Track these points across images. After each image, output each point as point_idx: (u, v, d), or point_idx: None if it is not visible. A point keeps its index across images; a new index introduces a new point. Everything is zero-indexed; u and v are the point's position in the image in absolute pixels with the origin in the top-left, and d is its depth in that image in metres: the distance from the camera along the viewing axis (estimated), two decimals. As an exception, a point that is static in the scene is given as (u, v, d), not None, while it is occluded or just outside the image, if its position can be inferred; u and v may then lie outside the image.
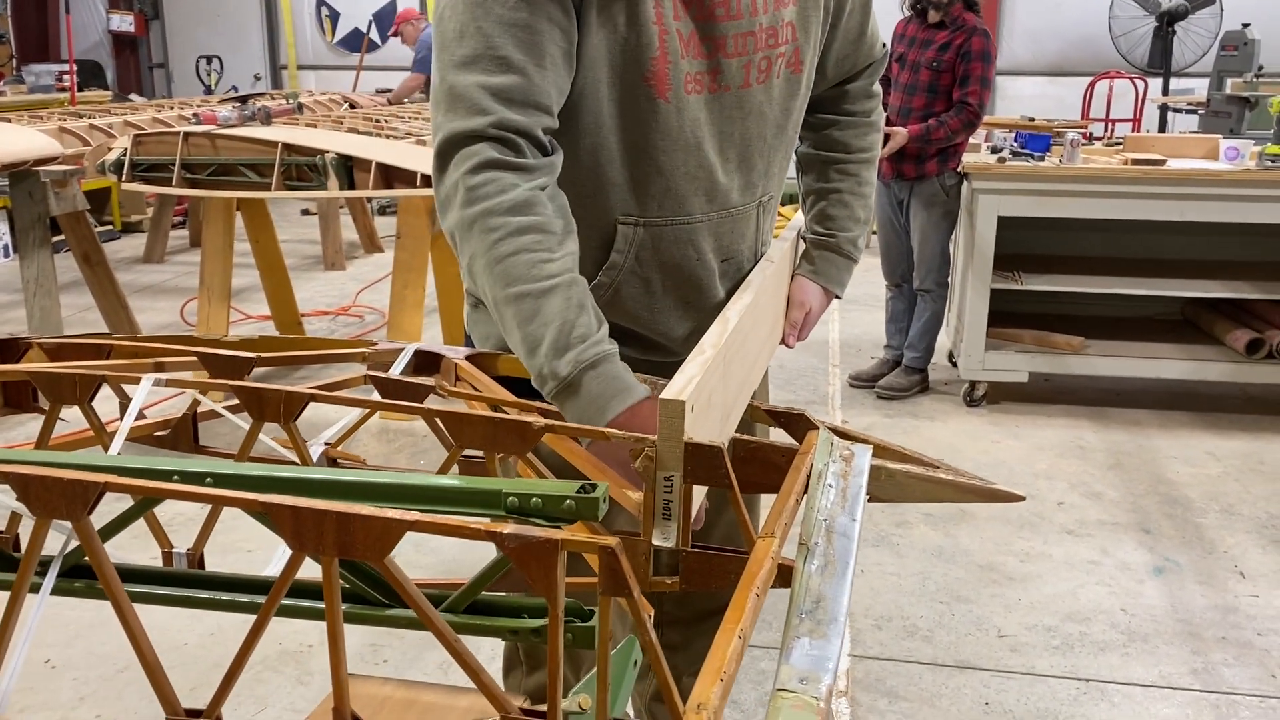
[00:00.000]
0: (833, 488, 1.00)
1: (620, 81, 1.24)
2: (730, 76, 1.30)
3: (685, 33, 1.25)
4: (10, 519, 1.02)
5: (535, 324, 1.10)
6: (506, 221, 1.12)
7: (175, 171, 3.95)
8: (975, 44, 4.09)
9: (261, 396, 0.95)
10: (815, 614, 0.81)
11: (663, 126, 1.27)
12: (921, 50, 4.19)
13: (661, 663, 0.68)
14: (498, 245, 1.12)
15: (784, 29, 1.32)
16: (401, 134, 4.50)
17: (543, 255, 1.12)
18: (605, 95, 1.25)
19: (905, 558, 3.12)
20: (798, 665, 0.74)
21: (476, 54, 1.17)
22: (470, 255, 1.15)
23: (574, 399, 1.10)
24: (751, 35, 1.29)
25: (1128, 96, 8.32)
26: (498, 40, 1.16)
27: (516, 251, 1.11)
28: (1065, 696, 2.47)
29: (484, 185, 1.13)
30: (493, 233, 1.12)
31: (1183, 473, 3.74)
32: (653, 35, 1.22)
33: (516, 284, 1.11)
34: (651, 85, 1.25)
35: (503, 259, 1.12)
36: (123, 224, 8.12)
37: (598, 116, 1.26)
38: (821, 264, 1.52)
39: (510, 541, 0.65)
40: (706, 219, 1.37)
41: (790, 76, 1.36)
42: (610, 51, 1.22)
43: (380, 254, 7.40)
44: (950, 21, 4.15)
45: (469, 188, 1.14)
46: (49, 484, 0.71)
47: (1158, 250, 4.55)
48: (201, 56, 11.11)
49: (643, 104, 1.26)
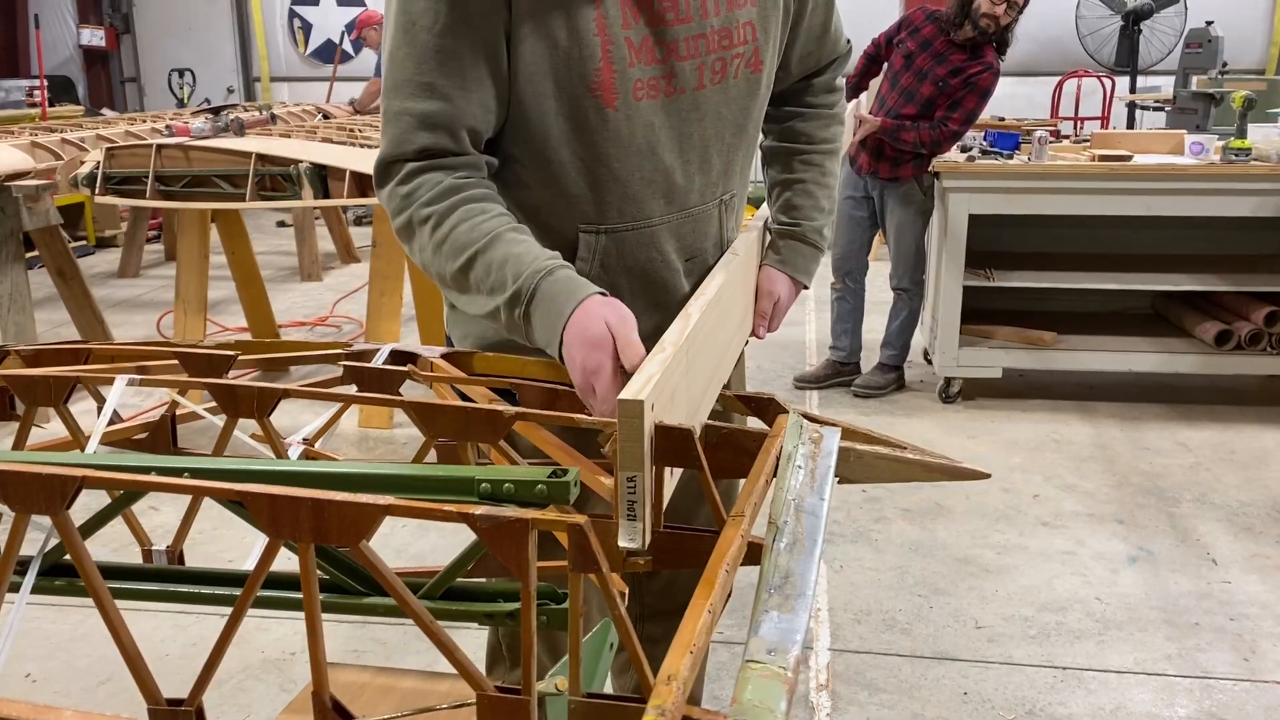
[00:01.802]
0: (802, 469, 1.03)
1: (565, 94, 1.26)
2: (684, 79, 1.32)
3: (637, 40, 1.26)
4: None
5: (494, 273, 1.17)
6: (436, 208, 1.21)
7: (149, 184, 3.95)
8: (984, 80, 4.09)
9: (236, 393, 0.97)
10: (784, 589, 0.83)
11: (614, 135, 1.29)
12: (934, 63, 4.13)
13: (631, 636, 0.70)
14: (436, 230, 1.20)
15: (740, 29, 1.34)
16: (375, 143, 4.50)
17: (477, 219, 1.20)
18: (551, 109, 1.27)
19: (883, 552, 3.15)
20: (766, 637, 0.76)
21: (405, 78, 1.24)
22: (419, 250, 1.24)
23: (538, 310, 1.16)
24: (703, 37, 1.31)
25: (1096, 95, 8.42)
26: (425, 65, 1.22)
27: (454, 226, 1.20)
28: (1043, 685, 2.50)
29: (414, 190, 1.23)
30: (428, 221, 1.21)
31: (1156, 463, 3.79)
32: (594, 46, 1.24)
33: (464, 251, 1.19)
34: (598, 96, 1.26)
35: (445, 238, 1.20)
36: (97, 239, 8.08)
37: (545, 130, 1.28)
38: (788, 253, 1.54)
39: (482, 523, 0.67)
40: (666, 221, 1.39)
41: (750, 76, 1.38)
42: (552, 66, 1.24)
43: (357, 264, 7.39)
44: (973, 49, 4.11)
45: (402, 196, 1.23)
46: (26, 479, 0.72)
47: (1127, 245, 4.61)
48: (174, 69, 11.07)
49: (591, 115, 1.27)
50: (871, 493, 3.51)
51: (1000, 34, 4.09)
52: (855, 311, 4.59)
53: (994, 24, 4.03)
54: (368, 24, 7.84)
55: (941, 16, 4.15)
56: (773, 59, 1.41)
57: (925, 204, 4.35)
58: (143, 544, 1.02)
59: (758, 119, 1.46)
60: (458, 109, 1.22)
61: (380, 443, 4.04)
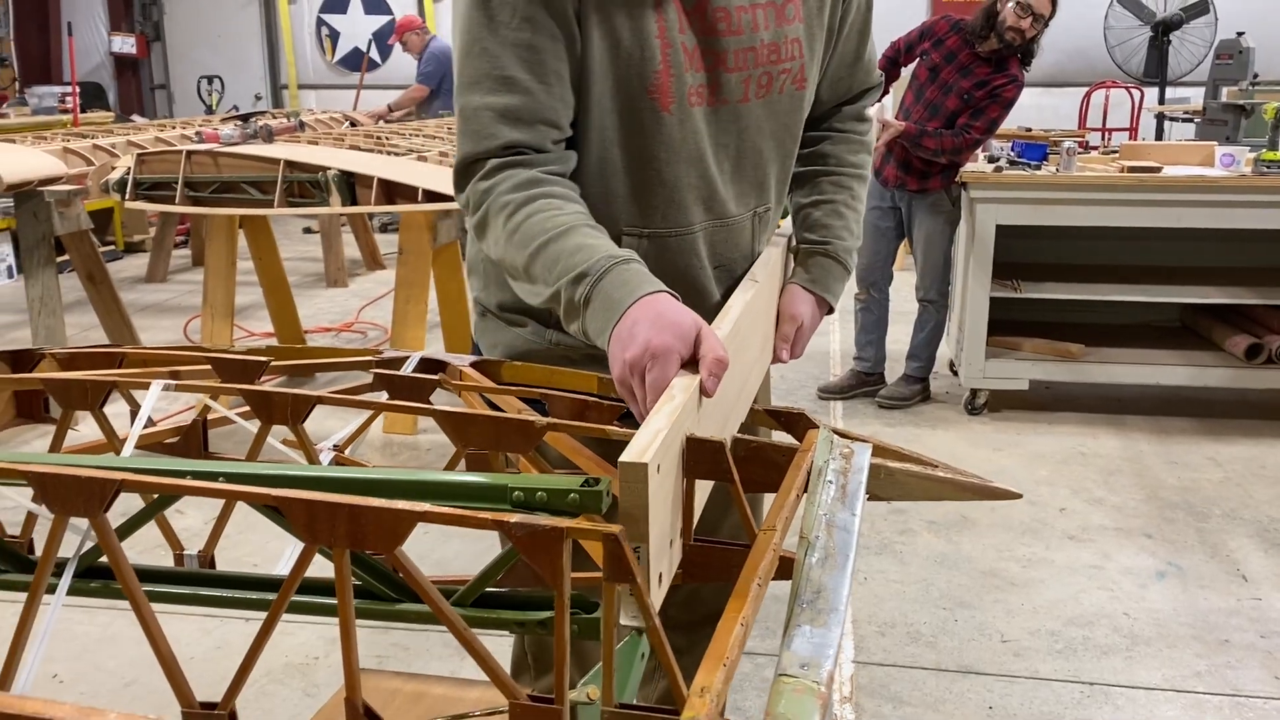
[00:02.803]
0: (833, 484, 1.02)
1: (624, 94, 1.26)
2: (730, 90, 1.32)
3: (690, 46, 1.27)
4: (25, 522, 1.04)
5: (563, 259, 1.13)
6: (514, 197, 1.19)
7: (178, 189, 3.98)
8: (1009, 92, 4.07)
9: (269, 399, 0.97)
10: (816, 604, 0.82)
11: (666, 138, 1.30)
12: (959, 76, 4.11)
13: (665, 647, 0.69)
14: (510, 219, 1.18)
15: (789, 45, 1.34)
16: (403, 150, 4.53)
17: (554, 213, 1.17)
18: (609, 108, 1.27)
19: (908, 565, 3.13)
20: (799, 652, 0.75)
21: (483, 74, 1.22)
22: (494, 241, 1.22)
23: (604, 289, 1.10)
24: (753, 51, 1.31)
25: (1124, 106, 8.37)
26: (503, 59, 1.20)
27: (529, 215, 1.17)
28: (1069, 700, 2.47)
29: (495, 185, 1.21)
30: (504, 210, 1.19)
31: (1184, 478, 3.75)
32: (655, 49, 1.25)
33: (536, 239, 1.16)
34: (655, 98, 1.27)
35: (518, 227, 1.17)
36: (125, 244, 8.16)
37: (602, 129, 1.28)
38: (817, 272, 1.47)
39: (517, 531, 0.66)
40: (704, 227, 1.39)
41: (794, 93, 1.38)
42: (614, 65, 1.25)
43: (382, 271, 7.42)
44: (998, 62, 4.08)
45: (482, 190, 1.21)
46: (66, 482, 0.73)
47: (1155, 257, 4.57)
48: (203, 77, 11.18)
49: (646, 116, 1.28)
50: (896, 505, 3.49)
51: (1025, 46, 4.07)
52: (880, 322, 4.57)
53: (1019, 37, 4.01)
54: (408, 29, 7.83)
55: (966, 28, 4.12)
56: (815, 77, 1.41)
57: (953, 214, 4.33)
58: (174, 548, 1.03)
59: (797, 135, 1.45)
60: (538, 102, 1.21)
61: (404, 448, 4.06)
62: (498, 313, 1.46)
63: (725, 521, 1.46)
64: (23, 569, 0.94)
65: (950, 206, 4.30)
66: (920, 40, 4.25)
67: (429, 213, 3.95)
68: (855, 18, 1.46)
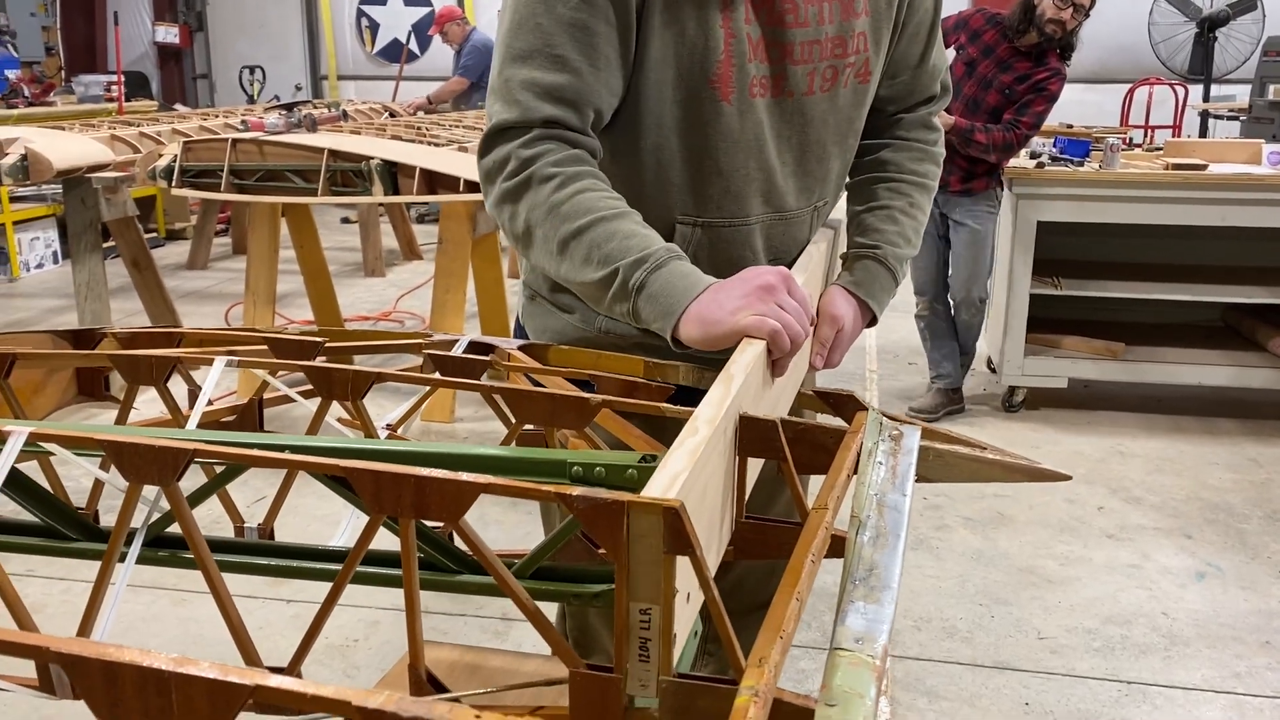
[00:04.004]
0: (883, 465, 1.03)
1: (684, 84, 1.26)
2: (795, 83, 1.31)
3: (754, 37, 1.27)
4: (90, 493, 1.07)
5: (615, 241, 1.13)
6: (564, 170, 1.17)
7: (224, 177, 4.04)
8: (1053, 85, 3.96)
9: (330, 375, 0.99)
10: (869, 581, 0.83)
11: (725, 129, 1.29)
12: (998, 70, 3.99)
13: (723, 616, 0.71)
14: (560, 190, 1.16)
15: (855, 39, 1.33)
16: (444, 141, 4.57)
17: (603, 194, 1.17)
18: (669, 97, 1.27)
19: (944, 560, 3.12)
20: (853, 627, 0.76)
21: (533, 49, 1.21)
22: (530, 207, 1.18)
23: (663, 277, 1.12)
24: (818, 44, 1.30)
25: (1167, 103, 8.27)
26: (556, 38, 1.20)
27: (581, 191, 1.16)
28: (1106, 698, 2.46)
29: (541, 153, 1.18)
30: (552, 180, 1.17)
31: (1225, 479, 3.71)
32: (719, 39, 1.24)
33: (587, 215, 1.15)
34: (716, 88, 1.27)
35: (568, 199, 1.15)
36: (167, 231, 8.27)
37: (660, 118, 1.28)
38: (862, 275, 1.39)
39: (579, 503, 0.68)
40: (761, 220, 1.38)
41: (858, 86, 1.37)
42: (676, 54, 1.25)
43: (419, 261, 7.48)
44: (1038, 56, 3.97)
45: (524, 157, 1.18)
46: (141, 450, 0.75)
47: (1198, 256, 4.52)
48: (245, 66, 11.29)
49: (706, 106, 1.28)
50: (932, 500, 3.48)
51: (1066, 39, 3.97)
52: (949, 332, 4.33)
53: (1059, 29, 3.90)
54: (448, 19, 7.84)
55: (1004, 22, 4.00)
56: (879, 71, 1.40)
57: (996, 216, 4.18)
58: (235, 521, 1.05)
59: (859, 130, 1.43)
60: (587, 85, 1.20)
61: (442, 436, 4.09)
62: (548, 296, 1.46)
63: (775, 504, 1.46)
64: (90, 537, 0.96)
65: (996, 209, 4.15)
66: (955, 32, 4.12)
67: (469, 203, 3.98)
68: (921, 18, 1.42)
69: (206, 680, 0.45)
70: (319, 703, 0.44)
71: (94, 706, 0.47)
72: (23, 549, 0.93)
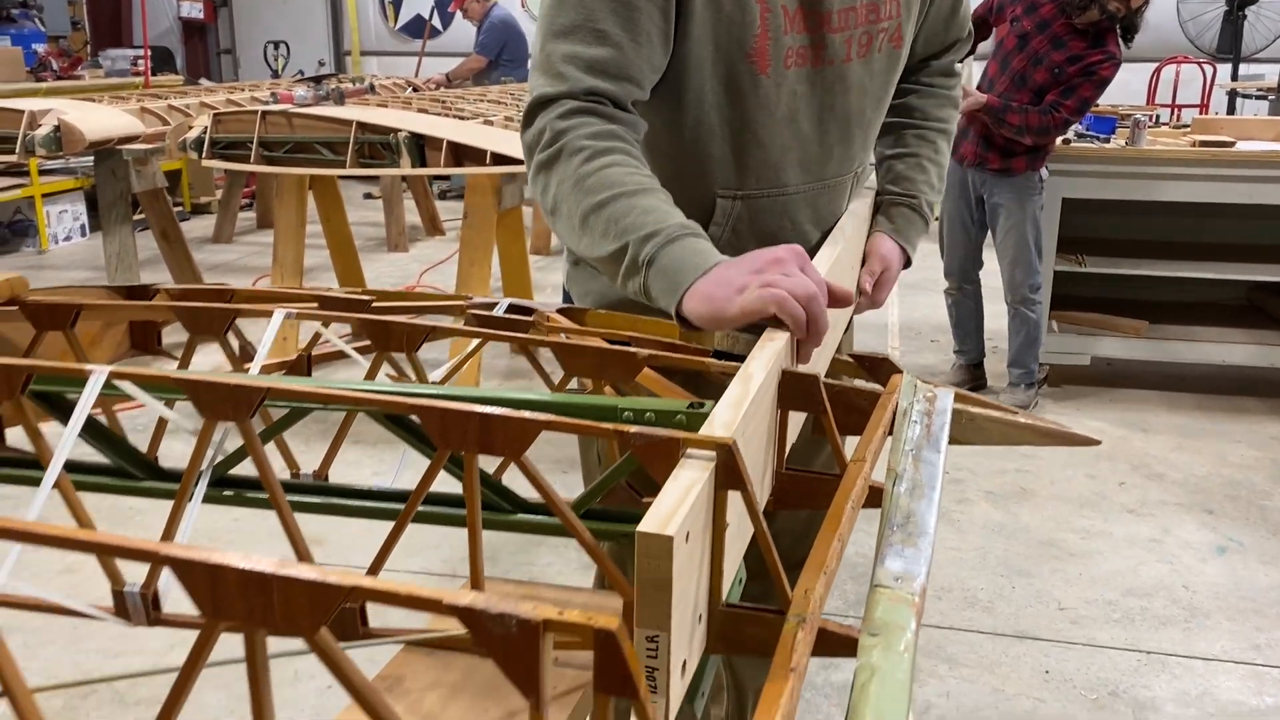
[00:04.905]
0: (917, 424, 1.06)
1: (723, 59, 1.29)
2: (834, 51, 1.33)
3: (791, 8, 1.29)
4: (153, 437, 1.11)
5: (632, 215, 1.11)
6: (595, 144, 1.17)
7: (253, 149, 4.08)
8: (1106, 70, 3.76)
9: (387, 328, 1.03)
10: (906, 527, 0.86)
11: (763, 101, 1.32)
12: (1051, 47, 3.79)
13: (771, 550, 0.74)
14: (588, 163, 1.15)
15: (888, 4, 1.35)
16: (469, 115, 4.59)
17: (632, 169, 1.16)
18: (708, 72, 1.29)
19: (966, 533, 3.15)
20: (892, 568, 0.80)
21: (575, 24, 1.23)
22: (559, 180, 1.18)
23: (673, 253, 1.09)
24: (853, 10, 1.32)
25: (1195, 83, 8.19)
26: (598, 13, 1.22)
27: (608, 165, 1.15)
28: (1126, 667, 2.49)
29: (576, 125, 1.19)
30: (581, 152, 1.16)
31: (1247, 456, 3.72)
32: (755, 13, 1.27)
33: (609, 189, 1.13)
34: (753, 62, 1.29)
35: (594, 172, 1.15)
36: (192, 205, 8.33)
37: (700, 93, 1.31)
38: (900, 221, 1.48)
39: (636, 440, 0.71)
40: (801, 190, 1.41)
41: (892, 51, 1.40)
42: (714, 30, 1.27)
43: (441, 236, 7.52)
44: (1095, 36, 3.77)
45: (559, 129, 1.19)
46: (217, 389, 0.79)
47: (1224, 234, 4.50)
48: (270, 41, 11.33)
49: (744, 80, 1.30)
50: (954, 474, 3.51)
51: (1129, 19, 3.75)
52: (976, 312, 4.28)
53: (1124, 7, 3.67)
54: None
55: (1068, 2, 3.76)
56: (911, 34, 1.43)
57: (1037, 200, 3.98)
58: (292, 468, 1.09)
59: (892, 94, 1.47)
60: (628, 60, 1.22)
61: (467, 408, 4.13)
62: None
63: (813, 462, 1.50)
64: (155, 477, 1.01)
65: (1039, 191, 3.95)
66: (1012, 2, 3.92)
67: (494, 176, 4.01)
68: None
69: (306, 582, 0.48)
70: (413, 601, 0.47)
71: (200, 605, 0.50)
72: (95, 488, 0.97)
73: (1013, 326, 4.17)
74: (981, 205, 4.08)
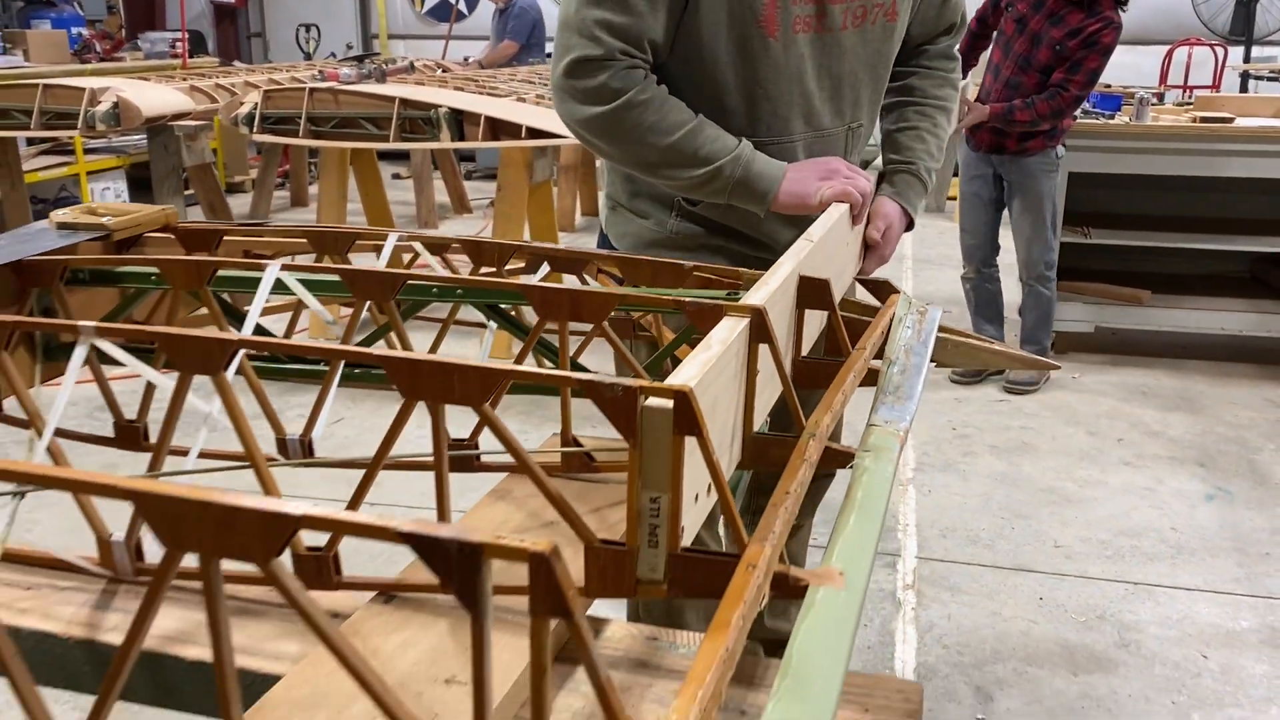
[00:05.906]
0: (910, 329, 1.29)
1: (735, 24, 1.52)
2: (833, 19, 1.57)
3: None
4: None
5: (715, 141, 1.50)
6: (653, 94, 1.48)
7: (301, 124, 4.32)
8: (1106, 36, 3.76)
9: (479, 247, 1.26)
10: (896, 393, 1.10)
11: (772, 61, 1.55)
12: (1049, 24, 3.82)
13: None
14: (656, 111, 1.48)
15: None
16: (504, 92, 4.82)
17: (683, 107, 1.50)
18: (723, 36, 1.53)
19: (970, 481, 3.37)
20: (883, 415, 1.03)
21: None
22: (632, 128, 1.48)
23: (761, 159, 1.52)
24: None
25: (1207, 65, 8.32)
26: None
27: (669, 109, 1.49)
28: (1114, 595, 2.72)
29: (633, 81, 1.47)
30: (648, 104, 1.48)
31: (1242, 416, 3.92)
32: None
33: (682, 127, 1.49)
34: (763, 26, 1.53)
35: (663, 117, 1.48)
36: (227, 184, 8.59)
37: (715, 53, 1.54)
38: (900, 185, 1.69)
39: (691, 305, 0.94)
40: (803, 138, 1.65)
41: (885, 25, 1.63)
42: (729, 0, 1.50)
43: (469, 215, 7.76)
44: (1090, 5, 3.78)
45: (617, 87, 1.46)
46: (371, 276, 1.02)
47: (1225, 208, 4.69)
48: (301, 25, 11.58)
49: (755, 43, 1.53)
50: (961, 430, 3.73)
51: None
52: (995, 297, 4.32)
53: None
54: None
55: None
56: (906, 12, 1.65)
57: (1053, 177, 4.05)
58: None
59: (889, 63, 1.69)
60: (646, 25, 1.47)
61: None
62: (627, 204, 1.73)
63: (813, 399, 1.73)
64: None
65: (1053, 168, 4.01)
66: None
67: (527, 151, 4.24)
68: None
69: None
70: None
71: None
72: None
73: (1027, 303, 4.27)
74: (1000, 184, 4.14)
